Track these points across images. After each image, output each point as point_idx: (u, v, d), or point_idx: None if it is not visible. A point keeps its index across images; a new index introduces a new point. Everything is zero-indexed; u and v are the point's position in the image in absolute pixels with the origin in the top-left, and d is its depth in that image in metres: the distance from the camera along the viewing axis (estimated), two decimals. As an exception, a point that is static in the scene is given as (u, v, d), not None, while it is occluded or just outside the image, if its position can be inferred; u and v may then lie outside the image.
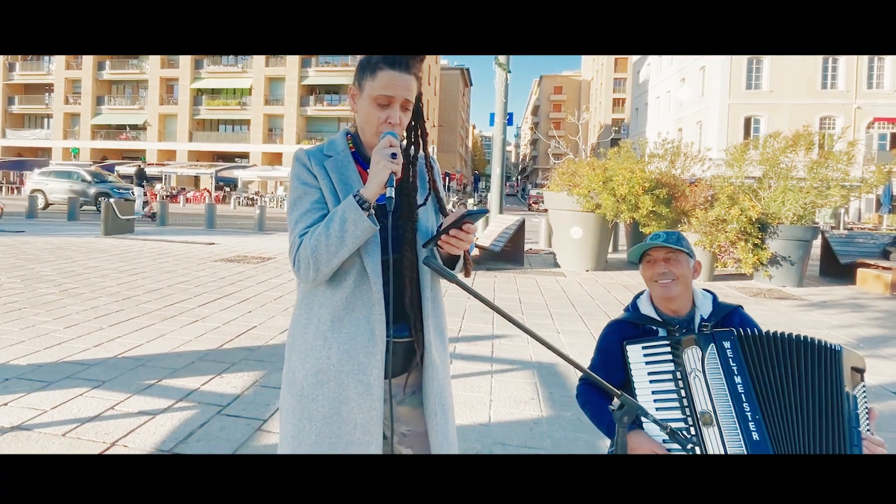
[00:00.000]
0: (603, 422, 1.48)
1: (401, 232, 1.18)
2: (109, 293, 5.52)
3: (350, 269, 1.15)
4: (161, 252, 8.90)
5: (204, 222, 13.91)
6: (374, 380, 1.13)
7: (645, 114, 43.44)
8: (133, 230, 11.68)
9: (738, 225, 7.62)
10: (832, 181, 8.04)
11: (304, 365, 1.16)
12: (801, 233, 7.84)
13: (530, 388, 3.29)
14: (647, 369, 1.36)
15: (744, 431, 1.23)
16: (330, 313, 1.14)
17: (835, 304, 6.57)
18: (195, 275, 6.84)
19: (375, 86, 1.13)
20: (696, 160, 9.46)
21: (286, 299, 5.61)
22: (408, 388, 1.21)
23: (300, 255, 1.10)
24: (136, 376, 3.24)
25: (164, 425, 2.61)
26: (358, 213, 1.06)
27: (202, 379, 3.23)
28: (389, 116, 1.13)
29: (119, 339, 3.98)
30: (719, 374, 1.28)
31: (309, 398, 1.14)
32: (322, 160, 1.19)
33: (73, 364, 3.41)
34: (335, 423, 1.12)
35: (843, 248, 8.89)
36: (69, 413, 2.71)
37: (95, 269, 6.92)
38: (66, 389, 3.00)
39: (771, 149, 8.40)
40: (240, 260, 8.36)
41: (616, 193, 8.18)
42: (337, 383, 1.13)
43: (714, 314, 1.46)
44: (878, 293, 7.45)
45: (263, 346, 3.95)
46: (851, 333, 5.00)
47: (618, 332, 1.52)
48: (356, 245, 1.08)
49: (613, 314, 5.49)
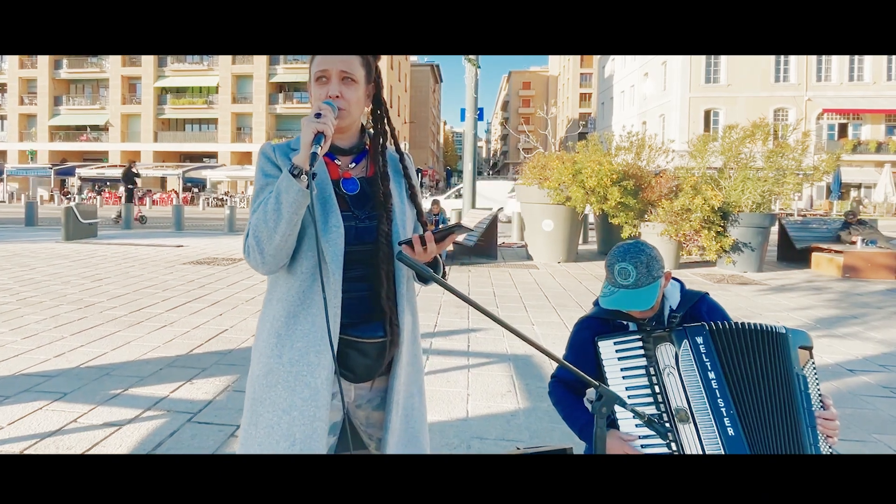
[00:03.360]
0: (576, 423, 1.46)
1: (375, 223, 1.13)
2: (71, 301, 5.32)
3: (307, 260, 1.08)
4: (126, 256, 8.62)
5: (172, 224, 13.53)
6: (322, 382, 1.06)
7: (611, 108, 44.22)
8: (96, 234, 11.27)
9: (701, 214, 7.85)
10: (787, 170, 8.37)
11: (258, 364, 1.11)
12: (760, 220, 8.14)
13: (506, 380, 3.32)
14: (620, 365, 1.35)
15: (719, 427, 1.23)
16: (285, 309, 1.09)
17: (793, 288, 6.83)
18: (163, 279, 6.65)
19: (314, 66, 1.14)
20: (660, 152, 9.68)
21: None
22: (382, 393, 1.16)
23: (248, 241, 1.06)
24: (100, 386, 3.14)
25: (131, 436, 2.53)
26: (289, 181, 1.00)
27: (171, 386, 3.15)
28: (328, 90, 1.11)
29: (82, 348, 3.84)
30: (693, 371, 1.27)
31: (258, 401, 1.10)
32: (287, 152, 1.16)
33: (32, 376, 3.27)
34: (275, 434, 1.07)
35: (799, 233, 9.27)
36: (28, 428, 2.59)
37: (56, 277, 6.66)
38: (24, 403, 2.87)
39: (730, 140, 8.67)
40: (209, 262, 8.17)
41: (585, 186, 8.31)
42: (285, 387, 1.08)
43: (682, 304, 1.46)
44: (832, 276, 7.78)
45: (235, 349, 3.88)
46: (809, 315, 5.22)
47: (589, 328, 1.50)
48: (293, 216, 1.01)
49: (586, 305, 5.59)
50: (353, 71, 1.12)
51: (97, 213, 11.76)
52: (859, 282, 7.31)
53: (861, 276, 7.56)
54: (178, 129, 40.35)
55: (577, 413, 1.48)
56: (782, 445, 1.21)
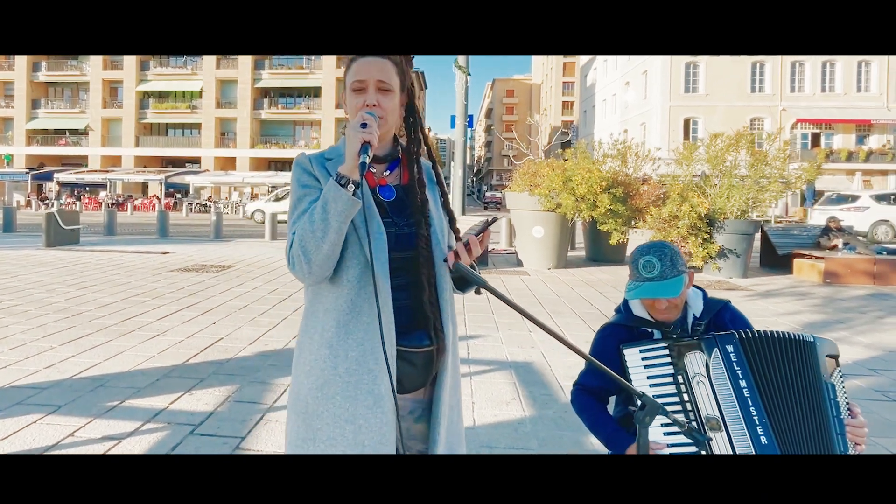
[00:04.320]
0: (602, 432, 1.46)
1: (414, 229, 1.13)
2: (57, 309, 5.19)
3: (353, 268, 1.08)
4: (111, 263, 8.44)
5: (156, 231, 13.30)
6: (384, 389, 1.05)
7: (593, 116, 44.87)
8: (79, 241, 11.02)
9: (688, 221, 7.99)
10: (770, 178, 8.59)
11: (309, 379, 1.09)
12: (745, 226, 8.33)
13: (510, 388, 3.32)
14: (647, 373, 1.35)
15: (752, 435, 1.23)
16: (335, 319, 1.08)
17: (778, 293, 6.98)
18: (151, 286, 6.53)
19: (350, 76, 1.14)
20: (646, 159, 9.85)
21: (252, 308, 5.44)
22: (424, 403, 1.16)
23: (292, 251, 1.05)
24: (95, 398, 3.06)
25: (132, 450, 2.47)
26: (337, 190, 1.01)
27: (170, 397, 3.08)
28: (366, 99, 1.12)
29: (73, 358, 3.74)
30: (724, 379, 1.27)
31: (313, 416, 1.08)
32: (323, 162, 1.16)
33: (23, 388, 3.18)
34: (340, 445, 1.06)
35: (781, 240, 9.51)
36: (23, 443, 2.51)
37: (39, 284, 6.50)
38: (16, 417, 2.78)
39: (716, 148, 8.87)
40: (198, 269, 8.04)
41: (576, 193, 8.40)
42: (344, 397, 1.06)
43: (706, 312, 1.47)
44: (814, 281, 7.98)
45: (233, 358, 3.82)
46: (797, 320, 5.33)
47: (613, 335, 1.50)
48: (340, 224, 1.02)
49: (580, 311, 5.63)
50: (390, 80, 1.13)
51: (80, 219, 11.51)
52: (840, 287, 7.50)
53: (841, 282, 7.76)
54: (161, 134, 39.73)
55: (602, 422, 1.48)
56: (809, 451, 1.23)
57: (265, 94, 38.59)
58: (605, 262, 9.80)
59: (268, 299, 5.94)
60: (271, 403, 3.02)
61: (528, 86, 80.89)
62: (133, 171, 34.73)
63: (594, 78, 44.76)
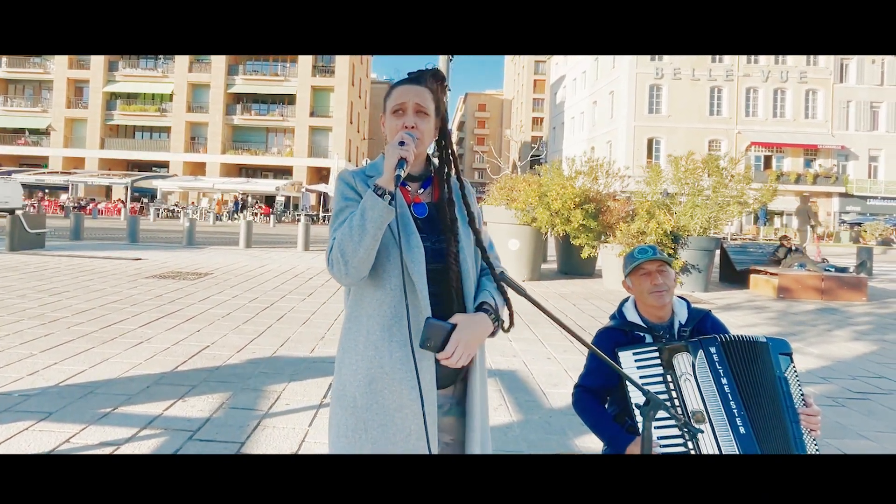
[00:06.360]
0: (604, 432, 1.58)
1: (444, 245, 1.25)
2: (32, 315, 5.10)
3: (394, 279, 1.20)
4: (82, 269, 8.24)
5: (125, 235, 12.98)
6: (427, 384, 1.18)
7: (562, 133, 46.14)
8: (44, 245, 10.68)
9: (655, 237, 8.40)
10: (731, 198, 9.14)
11: (356, 376, 1.21)
12: (707, 243, 8.82)
13: (496, 394, 3.49)
14: (639, 373, 1.53)
15: (732, 426, 1.42)
16: (379, 323, 1.20)
17: (737, 307, 7.41)
18: (128, 293, 6.44)
19: (390, 101, 1.29)
20: (616, 177, 10.28)
21: (235, 316, 5.46)
22: (453, 399, 1.29)
23: (332, 255, 1.17)
24: (87, 404, 3.07)
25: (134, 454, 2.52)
26: (374, 199, 1.13)
27: (163, 404, 3.12)
28: (405, 121, 1.25)
29: (56, 365, 3.72)
30: (709, 377, 1.46)
31: (363, 408, 1.20)
32: (365, 179, 1.29)
33: (8, 395, 3.14)
34: (390, 431, 1.18)
35: (739, 256, 10.11)
36: (18, 449, 2.51)
37: (8, 290, 6.32)
38: (6, 424, 2.76)
39: (681, 171, 9.38)
40: (174, 276, 7.94)
41: (551, 208, 8.71)
42: (391, 391, 1.18)
43: (690, 319, 1.68)
44: (769, 296, 8.50)
45: (223, 366, 3.86)
46: (755, 332, 5.68)
47: (609, 338, 1.67)
48: (376, 230, 1.13)
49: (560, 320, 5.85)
50: (426, 105, 1.27)
51: (45, 223, 11.16)
52: (793, 301, 8.02)
53: (793, 297, 8.29)
54: (128, 137, 38.61)
55: (605, 421, 1.62)
56: (775, 439, 1.44)
57: (238, 99, 38.09)
58: (577, 275, 10.15)
59: (250, 307, 5.96)
60: (267, 410, 3.10)
61: (499, 101, 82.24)
62: (97, 174, 33.57)
63: (563, 95, 46.04)
